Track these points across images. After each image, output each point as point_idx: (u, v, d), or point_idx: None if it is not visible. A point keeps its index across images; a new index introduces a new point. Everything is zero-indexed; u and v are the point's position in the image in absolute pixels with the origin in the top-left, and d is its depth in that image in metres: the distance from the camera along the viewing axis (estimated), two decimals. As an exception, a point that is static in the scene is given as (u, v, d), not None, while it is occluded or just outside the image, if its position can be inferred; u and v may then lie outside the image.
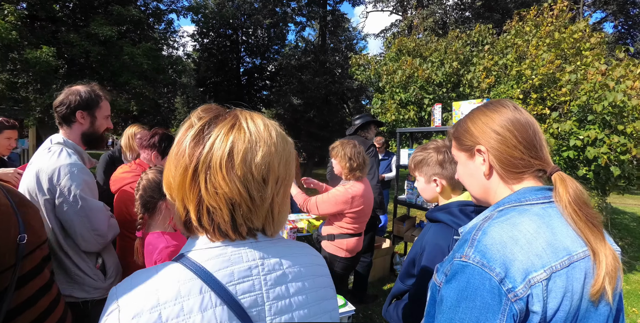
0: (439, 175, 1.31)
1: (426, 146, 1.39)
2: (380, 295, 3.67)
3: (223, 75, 20.55)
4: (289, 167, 0.66)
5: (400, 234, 4.22)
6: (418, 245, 1.33)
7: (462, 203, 1.26)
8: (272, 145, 0.62)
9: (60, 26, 11.21)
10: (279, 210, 0.66)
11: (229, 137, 0.59)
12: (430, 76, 5.36)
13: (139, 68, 11.20)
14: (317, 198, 2.27)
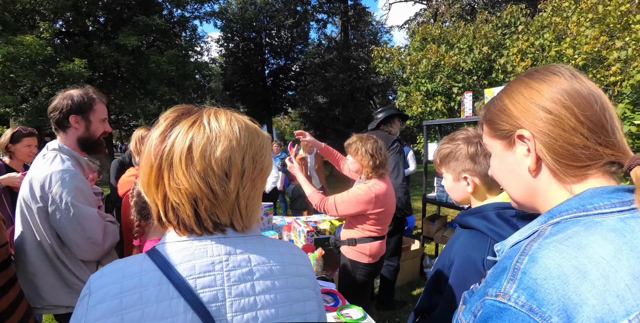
0: (471, 171, 1.08)
1: (454, 136, 1.15)
2: (409, 301, 3.41)
3: (249, 78, 20.86)
4: (259, 160, 0.66)
5: (431, 235, 3.93)
6: (446, 255, 1.11)
7: (500, 206, 1.02)
8: (234, 139, 0.62)
9: (92, 39, 11.79)
10: (246, 204, 0.65)
11: (188, 133, 0.61)
12: (459, 63, 4.97)
13: (166, 75, 11.55)
14: (336, 198, 2.07)
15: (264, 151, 0.67)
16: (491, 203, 1.04)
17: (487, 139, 0.68)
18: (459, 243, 1.07)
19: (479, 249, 0.99)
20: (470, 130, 1.15)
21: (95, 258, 1.46)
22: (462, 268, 1.00)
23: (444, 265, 1.09)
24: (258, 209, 0.70)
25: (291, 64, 22.10)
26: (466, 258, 1.01)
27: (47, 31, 9.57)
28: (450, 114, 5.22)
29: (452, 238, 1.17)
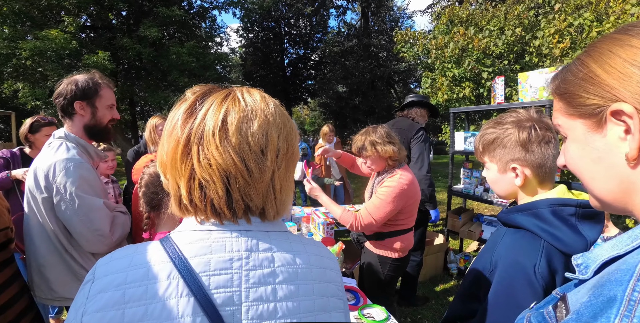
0: (521, 161, 0.92)
1: (501, 120, 0.98)
2: (431, 297, 3.27)
3: (268, 68, 20.83)
4: (290, 142, 0.61)
5: (456, 229, 3.75)
6: (487, 257, 0.96)
7: (556, 202, 0.86)
8: (270, 115, 0.58)
9: (116, 33, 11.97)
10: (281, 186, 0.59)
11: (222, 106, 0.56)
12: (489, 46, 4.63)
13: (187, 66, 11.62)
14: (367, 207, 1.86)
15: (295, 135, 0.63)
16: (545, 199, 0.88)
17: (561, 118, 0.51)
18: (504, 245, 0.92)
19: (530, 254, 0.84)
20: (521, 113, 0.96)
21: (104, 250, 1.40)
22: (509, 276, 0.85)
23: (485, 268, 0.94)
24: (291, 194, 0.64)
25: (310, 53, 21.86)
26: (513, 263, 0.85)
27: (71, 25, 9.75)
28: (478, 101, 4.91)
29: (493, 238, 1.02)
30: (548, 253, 0.83)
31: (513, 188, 0.97)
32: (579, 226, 0.83)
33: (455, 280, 3.62)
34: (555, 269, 0.82)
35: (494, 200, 3.28)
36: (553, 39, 3.88)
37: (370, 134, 1.88)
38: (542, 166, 0.91)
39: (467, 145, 3.45)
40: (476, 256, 1.08)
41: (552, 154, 0.90)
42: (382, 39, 18.04)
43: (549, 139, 0.90)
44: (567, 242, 0.82)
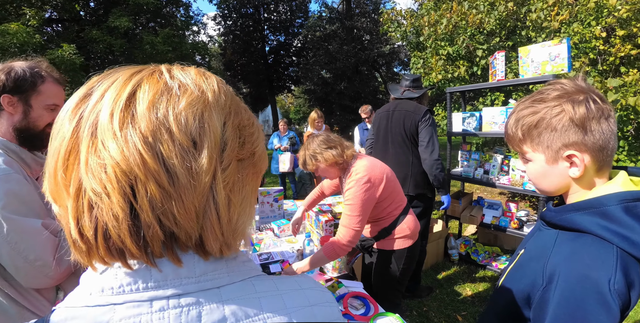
0: (579, 145, 0.71)
1: (542, 96, 0.76)
2: (435, 286, 3.16)
3: (249, 56, 20.21)
4: (247, 138, 0.43)
5: (456, 214, 3.62)
6: (535, 269, 0.75)
7: (628, 197, 0.67)
8: (210, 92, 0.40)
9: (84, 25, 11.27)
10: (229, 200, 0.39)
11: (130, 80, 0.37)
12: (482, 23, 4.41)
13: (163, 56, 11.07)
14: (341, 222, 1.66)
15: (256, 130, 0.45)
16: (614, 194, 0.68)
17: None
18: (561, 254, 0.72)
19: (602, 265, 0.65)
20: (565, 83, 0.74)
21: (49, 284, 1.09)
22: (576, 295, 0.66)
23: (534, 283, 0.74)
24: (251, 214, 0.45)
25: (292, 39, 21.31)
26: (581, 279, 0.66)
27: (34, 18, 9.09)
28: (472, 80, 4.72)
29: (538, 243, 0.81)
30: (624, 264, 0.65)
31: (566, 182, 0.76)
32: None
33: (457, 266, 3.52)
34: (632, 282, 0.65)
35: (496, 183, 3.14)
36: (551, 11, 3.69)
37: (308, 148, 1.74)
38: (604, 149, 0.70)
39: (465, 126, 3.27)
40: (511, 266, 0.88)
41: (614, 131, 0.72)
42: (365, 22, 17.60)
43: (609, 112, 0.71)
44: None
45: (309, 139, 1.79)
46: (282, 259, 1.98)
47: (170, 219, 0.35)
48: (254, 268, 0.46)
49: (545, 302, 0.70)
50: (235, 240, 0.42)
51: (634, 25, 3.41)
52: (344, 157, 1.72)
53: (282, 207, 2.75)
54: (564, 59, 2.50)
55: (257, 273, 0.45)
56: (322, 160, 1.69)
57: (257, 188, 0.48)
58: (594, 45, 3.63)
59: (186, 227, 0.36)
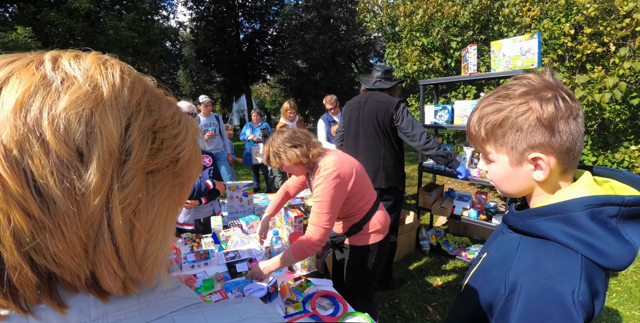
0: (545, 147, 0.66)
1: (508, 91, 0.69)
2: (406, 278, 3.20)
3: (223, 43, 19.56)
4: (169, 143, 0.35)
5: (427, 206, 3.66)
6: (497, 276, 0.71)
7: (594, 202, 0.63)
8: (108, 85, 0.31)
9: (41, 6, 10.42)
10: (131, 225, 0.31)
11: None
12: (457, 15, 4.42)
13: (129, 42, 10.47)
14: (310, 221, 1.60)
15: (181, 131, 0.37)
16: (579, 199, 0.64)
17: None
18: (524, 261, 0.68)
19: (566, 276, 0.61)
20: (532, 78, 0.68)
21: None
22: (539, 308, 0.62)
23: (496, 292, 0.69)
24: (164, 242, 0.36)
25: (267, 28, 20.79)
26: (544, 291, 0.62)
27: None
28: (446, 72, 4.75)
29: (501, 247, 0.77)
30: (589, 273, 0.62)
31: (529, 185, 0.72)
32: (621, 229, 0.62)
33: (428, 257, 3.58)
34: (596, 291, 0.62)
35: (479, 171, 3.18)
36: (523, 6, 3.73)
37: (272, 144, 1.66)
38: (570, 151, 0.66)
39: (437, 118, 3.28)
40: (474, 270, 0.84)
41: (582, 132, 0.67)
42: (342, 11, 17.40)
43: (578, 111, 0.66)
44: (612, 254, 0.61)
45: (275, 134, 1.70)
46: (249, 257, 1.90)
47: (46, 257, 0.27)
48: (184, 298, 0.39)
49: (507, 311, 0.66)
50: (144, 274, 0.34)
51: (601, 24, 3.50)
52: (308, 157, 1.64)
53: (252, 201, 2.66)
54: (534, 54, 2.52)
55: (186, 303, 0.38)
56: (285, 159, 1.62)
57: (181, 203, 0.40)
58: (563, 42, 3.72)
59: (70, 266, 0.28)
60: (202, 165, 0.44)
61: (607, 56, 3.58)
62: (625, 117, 3.34)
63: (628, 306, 2.69)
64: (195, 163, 0.41)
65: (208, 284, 1.61)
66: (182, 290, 0.40)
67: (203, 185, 2.42)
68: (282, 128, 1.74)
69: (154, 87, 0.38)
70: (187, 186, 0.40)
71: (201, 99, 4.75)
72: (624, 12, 3.21)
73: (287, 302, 1.41)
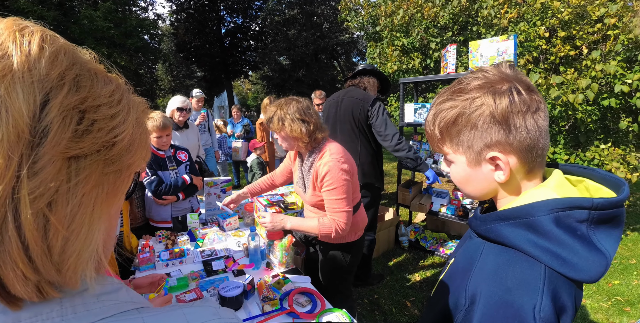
0: (503, 145, 0.60)
1: (462, 86, 0.63)
2: (386, 274, 3.24)
3: (204, 38, 19.13)
4: (98, 118, 0.31)
5: (407, 203, 3.71)
6: (459, 286, 0.66)
7: (560, 206, 0.56)
8: (20, 55, 0.27)
9: (8, -9, 9.89)
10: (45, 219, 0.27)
11: None
12: (437, 16, 4.48)
13: (104, 33, 10.08)
14: (330, 207, 1.57)
15: (120, 111, 0.33)
16: (545, 201, 0.57)
17: None
18: (485, 271, 0.62)
19: (526, 289, 0.55)
20: (488, 71, 0.62)
21: None
22: (494, 319, 0.56)
23: (457, 304, 0.65)
24: (89, 240, 0.31)
25: (250, 22, 20.45)
26: (502, 305, 0.56)
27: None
28: (425, 72, 4.82)
29: (466, 253, 0.72)
30: (553, 286, 0.55)
31: (492, 186, 0.66)
32: (592, 236, 0.55)
33: (407, 253, 3.64)
34: (563, 307, 0.56)
35: (444, 172, 3.24)
36: (501, 9, 3.81)
37: (282, 108, 1.59)
38: (532, 148, 0.60)
39: (416, 116, 3.32)
40: (442, 276, 0.79)
41: (544, 127, 0.61)
42: (325, 9, 17.34)
43: (538, 105, 0.59)
44: (580, 264, 0.54)
45: (291, 100, 1.62)
46: (226, 255, 1.87)
47: None
48: (122, 302, 0.35)
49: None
50: (65, 276, 0.30)
51: (574, 28, 3.63)
52: (310, 138, 1.59)
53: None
54: (510, 54, 2.59)
55: (123, 309, 0.34)
56: (288, 129, 1.56)
57: (117, 194, 0.35)
58: (538, 45, 3.83)
59: None
60: (149, 153, 0.40)
61: (579, 59, 3.71)
62: (596, 118, 3.49)
63: (596, 298, 2.81)
64: (139, 150, 0.36)
65: (183, 283, 1.57)
66: (122, 293, 0.36)
67: (180, 180, 2.36)
68: (295, 97, 1.67)
69: (89, 60, 0.34)
70: (127, 175, 0.36)
71: (194, 93, 4.63)
72: (596, 17, 3.33)
73: (264, 299, 1.39)
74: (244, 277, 1.63)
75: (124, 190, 0.36)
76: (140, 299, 0.38)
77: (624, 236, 4.04)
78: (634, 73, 2.94)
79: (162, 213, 2.36)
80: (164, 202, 2.31)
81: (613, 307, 2.68)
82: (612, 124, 3.69)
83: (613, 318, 2.55)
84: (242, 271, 1.71)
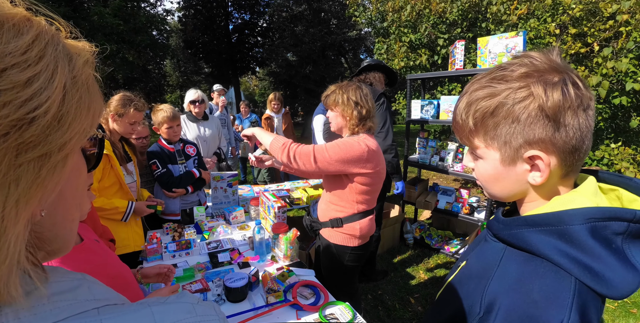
0: (546, 144, 0.54)
1: (504, 72, 0.55)
2: (390, 270, 3.24)
3: (212, 34, 19.15)
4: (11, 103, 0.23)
5: (412, 200, 3.71)
6: (474, 292, 0.62)
7: (598, 216, 0.51)
8: None
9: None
10: None
11: None
12: (445, 12, 4.44)
13: (114, 29, 10.16)
14: (316, 146, 1.57)
15: (41, 73, 0.25)
16: (582, 210, 0.52)
17: None
18: (506, 279, 0.57)
19: (555, 304, 0.50)
20: (536, 56, 0.55)
21: None
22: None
23: (471, 311, 0.60)
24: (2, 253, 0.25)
25: (257, 19, 20.44)
26: (527, 319, 0.51)
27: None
28: (433, 69, 4.78)
29: (482, 256, 0.67)
30: (582, 302, 0.50)
31: (522, 188, 0.60)
32: (627, 250, 0.50)
33: (412, 250, 3.64)
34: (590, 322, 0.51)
35: (450, 170, 3.23)
36: (511, 5, 3.77)
37: (342, 87, 1.67)
38: (576, 150, 0.54)
39: (423, 113, 3.31)
40: (451, 279, 0.75)
41: (591, 126, 0.55)
42: (333, 5, 17.24)
43: (589, 101, 0.53)
44: (613, 279, 0.49)
45: (352, 83, 1.69)
46: (232, 247, 1.89)
47: None
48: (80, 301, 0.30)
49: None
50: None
51: (585, 25, 3.57)
52: (360, 122, 1.64)
53: (237, 192, 2.64)
54: (519, 51, 2.55)
55: (76, 311, 0.29)
56: (340, 108, 1.64)
57: (51, 187, 0.28)
58: (548, 42, 3.78)
59: None
60: (96, 119, 0.32)
61: (590, 56, 3.65)
62: (607, 116, 3.44)
63: (600, 298, 2.79)
64: (76, 122, 0.28)
65: (189, 273, 1.59)
66: (81, 291, 0.31)
67: (189, 174, 2.40)
68: (358, 83, 1.72)
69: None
70: (61, 157, 0.27)
71: (215, 87, 4.68)
72: (608, 14, 3.27)
73: (269, 291, 1.41)
74: (248, 269, 1.65)
75: (57, 178, 0.28)
76: (105, 295, 0.33)
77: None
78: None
79: (170, 205, 2.40)
80: (173, 194, 2.35)
81: (620, 308, 2.65)
82: (622, 123, 3.64)
83: (619, 319, 2.53)
84: (247, 263, 1.73)
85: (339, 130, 1.73)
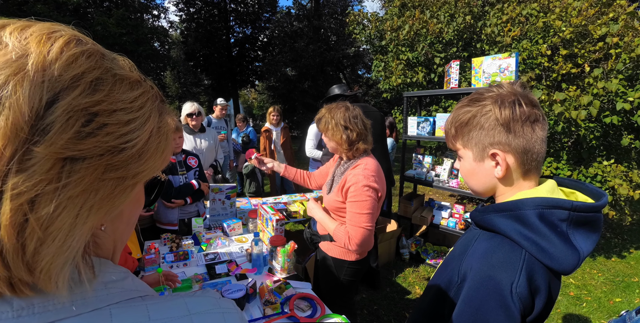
0: (503, 145, 0.73)
1: (479, 96, 0.78)
2: (386, 285, 3.23)
3: (213, 47, 19.46)
4: (110, 123, 0.31)
5: (408, 215, 3.74)
6: (454, 267, 0.78)
7: (544, 204, 0.68)
8: (37, 56, 0.28)
9: (27, -3, 10.22)
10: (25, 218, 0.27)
11: None
12: (442, 32, 4.60)
13: (117, 40, 10.33)
14: (349, 219, 1.53)
15: (138, 118, 0.34)
16: (532, 198, 0.70)
17: None
18: (476, 253, 0.74)
19: (507, 268, 0.67)
20: (503, 87, 0.76)
21: None
22: (478, 295, 0.68)
23: (451, 281, 0.77)
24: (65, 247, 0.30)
25: (258, 33, 20.86)
26: (486, 279, 0.68)
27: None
28: (429, 87, 4.91)
29: (464, 241, 0.83)
30: (530, 268, 0.67)
31: (492, 182, 0.79)
32: (571, 235, 0.66)
33: (408, 265, 3.63)
34: (537, 288, 0.67)
35: (445, 185, 3.27)
36: (504, 27, 3.91)
37: (331, 111, 1.64)
38: (527, 151, 0.73)
39: (419, 130, 3.38)
40: (440, 264, 0.90)
41: (541, 136, 0.73)
42: (333, 22, 17.68)
43: (537, 117, 0.73)
44: (555, 255, 0.65)
45: (341, 105, 1.66)
46: (229, 259, 1.90)
47: None
48: (128, 290, 0.37)
49: (458, 298, 0.73)
50: (39, 278, 0.29)
51: (575, 46, 3.71)
52: (351, 146, 1.62)
53: (235, 204, 2.66)
54: (512, 71, 2.66)
55: (126, 297, 0.36)
56: (330, 133, 1.62)
57: (115, 203, 0.34)
58: (540, 62, 3.92)
59: None
60: (164, 164, 0.40)
61: (581, 76, 3.78)
62: (599, 134, 3.53)
63: (597, 315, 2.80)
64: (152, 159, 0.35)
65: (186, 284, 1.60)
66: (128, 282, 0.38)
67: (188, 185, 2.42)
68: (348, 104, 1.70)
69: (121, 66, 0.35)
70: (131, 183, 0.34)
71: (219, 101, 4.72)
72: (597, 36, 3.41)
73: (266, 303, 1.42)
74: (246, 281, 1.66)
75: (123, 199, 0.34)
76: (144, 288, 0.39)
77: (626, 254, 4.02)
78: (636, 91, 2.99)
79: (169, 215, 2.41)
80: (172, 205, 2.36)
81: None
82: (614, 141, 3.73)
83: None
84: (245, 275, 1.73)
85: (334, 152, 1.75)
